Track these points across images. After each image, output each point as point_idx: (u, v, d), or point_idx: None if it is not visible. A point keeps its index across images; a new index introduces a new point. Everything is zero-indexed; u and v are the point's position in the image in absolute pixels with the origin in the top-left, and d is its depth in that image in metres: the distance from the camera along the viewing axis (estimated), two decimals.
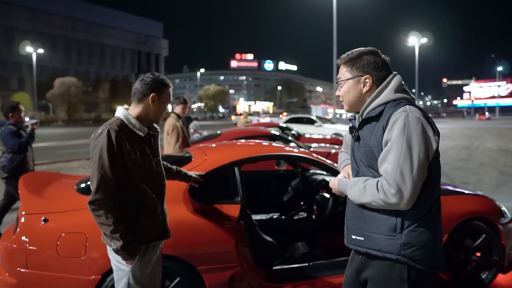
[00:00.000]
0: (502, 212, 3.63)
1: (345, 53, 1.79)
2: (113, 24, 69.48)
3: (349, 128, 1.85)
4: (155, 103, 2.00)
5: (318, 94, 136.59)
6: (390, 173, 1.54)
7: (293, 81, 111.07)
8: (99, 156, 1.85)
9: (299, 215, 3.97)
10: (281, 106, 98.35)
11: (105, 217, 1.84)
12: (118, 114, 2.02)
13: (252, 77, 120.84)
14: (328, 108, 63.30)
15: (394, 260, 1.63)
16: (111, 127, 1.89)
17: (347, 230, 1.83)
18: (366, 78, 1.72)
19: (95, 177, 1.85)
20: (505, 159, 12.26)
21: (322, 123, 19.86)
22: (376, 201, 1.58)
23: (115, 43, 70.46)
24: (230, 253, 2.66)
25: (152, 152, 2.05)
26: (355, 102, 1.76)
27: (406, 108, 1.59)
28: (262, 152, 3.24)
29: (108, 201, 1.85)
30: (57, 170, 10.18)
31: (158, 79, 2.02)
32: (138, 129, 1.97)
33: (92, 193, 1.86)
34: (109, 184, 1.85)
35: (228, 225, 2.68)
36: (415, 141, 1.54)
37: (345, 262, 3.03)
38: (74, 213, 2.53)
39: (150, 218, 1.99)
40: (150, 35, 75.83)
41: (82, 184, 3.03)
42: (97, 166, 1.85)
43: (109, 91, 57.87)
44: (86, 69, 65.75)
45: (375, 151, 1.65)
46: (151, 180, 2.01)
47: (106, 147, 1.85)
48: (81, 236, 2.42)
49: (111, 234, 1.84)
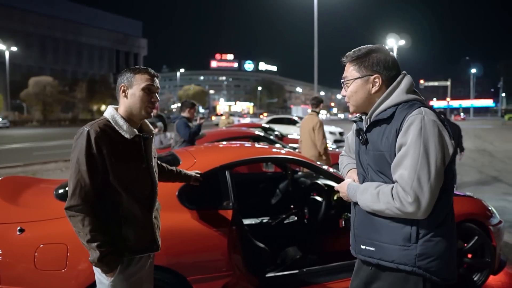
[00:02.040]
0: (491, 212, 3.62)
1: (351, 51, 1.67)
2: (91, 23, 67.97)
3: (356, 131, 1.73)
4: (128, 94, 1.83)
5: (298, 95, 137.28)
6: (407, 180, 1.43)
7: (273, 81, 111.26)
8: (77, 159, 1.71)
9: (290, 219, 3.86)
10: (261, 107, 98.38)
11: (82, 225, 1.69)
12: (106, 113, 1.85)
13: (232, 77, 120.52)
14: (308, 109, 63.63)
15: (408, 272, 1.52)
16: (92, 127, 1.73)
17: (354, 240, 1.71)
18: (375, 78, 1.60)
19: (72, 181, 1.71)
20: (483, 159, 12.52)
21: None
22: (390, 209, 1.47)
23: (93, 42, 68.96)
24: (222, 262, 2.53)
25: (141, 157, 1.86)
26: (363, 103, 1.65)
27: (421, 110, 1.49)
28: (254, 154, 3.11)
29: (85, 207, 1.69)
30: (33, 172, 9.80)
31: (130, 70, 1.85)
32: (125, 130, 1.80)
33: (68, 198, 1.71)
34: (86, 189, 1.70)
35: (219, 232, 2.53)
36: (432, 146, 1.44)
37: (339, 268, 2.98)
38: (53, 222, 2.33)
39: (134, 228, 1.82)
40: (129, 34, 74.61)
41: (61, 190, 2.83)
42: (74, 169, 1.71)
43: (87, 91, 56.59)
44: (62, 68, 64.07)
45: (387, 155, 1.54)
46: (137, 187, 1.84)
47: (84, 150, 1.70)
48: (62, 247, 2.22)
49: (88, 244, 1.69)
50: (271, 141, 7.22)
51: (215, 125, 37.35)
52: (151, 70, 1.88)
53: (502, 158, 12.67)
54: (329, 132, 18.93)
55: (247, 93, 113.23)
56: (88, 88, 56.82)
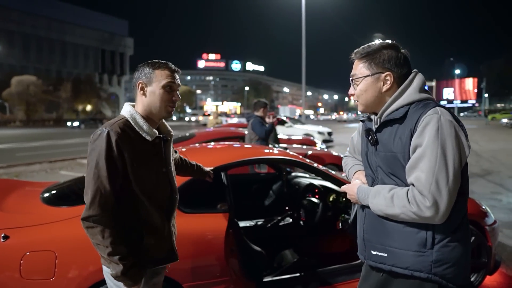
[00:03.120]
0: (486, 213, 3.61)
1: (360, 47, 1.58)
2: (76, 21, 66.78)
3: (365, 131, 1.65)
4: (147, 92, 1.68)
5: (285, 95, 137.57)
6: (425, 183, 1.36)
7: (261, 81, 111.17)
8: (96, 164, 1.55)
9: (285, 221, 3.78)
10: (248, 107, 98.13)
11: (101, 237, 1.53)
12: (124, 112, 1.69)
13: (219, 77, 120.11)
14: (296, 108, 63.85)
15: (423, 279, 1.45)
16: (112, 128, 1.58)
17: (364, 245, 1.63)
18: (386, 76, 1.52)
19: (90, 188, 1.55)
20: (470, 159, 12.61)
21: (292, 123, 19.90)
22: (406, 214, 1.40)
23: (77, 41, 67.75)
24: (219, 267, 2.43)
25: (161, 160, 1.73)
26: (373, 102, 1.56)
27: (437, 110, 1.42)
28: (251, 155, 3.01)
29: (104, 217, 1.54)
30: (16, 174, 9.52)
31: (148, 64, 1.69)
32: (146, 131, 1.65)
33: (86, 207, 1.55)
34: (107, 197, 1.55)
35: (216, 236, 2.44)
36: (450, 147, 1.37)
37: (337, 271, 2.91)
38: (40, 227, 2.20)
39: (154, 237, 1.69)
40: (114, 33, 73.55)
41: (48, 193, 2.70)
42: (92, 175, 1.55)
43: (71, 90, 55.58)
44: (46, 68, 62.75)
45: (400, 156, 1.46)
46: (157, 193, 1.71)
47: (104, 153, 1.54)
48: (50, 255, 2.09)
49: (109, 257, 1.54)
50: None
51: (203, 125, 37.16)
52: (172, 65, 1.73)
53: (488, 158, 12.83)
54: (317, 132, 18.98)
55: (234, 93, 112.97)
56: (73, 87, 55.85)
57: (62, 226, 2.21)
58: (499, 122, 41.74)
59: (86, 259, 2.11)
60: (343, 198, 3.31)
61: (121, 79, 75.20)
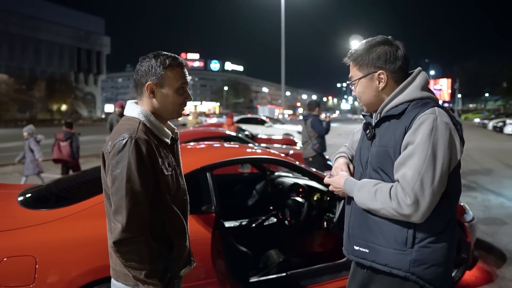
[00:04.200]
0: (465, 209, 3.70)
1: (352, 49, 1.58)
2: (50, 18, 64.82)
3: (364, 124, 1.65)
4: (157, 94, 1.50)
5: (264, 95, 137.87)
6: (409, 180, 1.36)
7: (240, 81, 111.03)
8: (127, 178, 1.36)
9: (270, 221, 3.77)
10: (227, 107, 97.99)
11: (139, 258, 1.38)
12: (135, 113, 1.49)
13: (198, 77, 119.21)
14: (275, 108, 64.09)
15: (402, 277, 1.46)
16: (139, 136, 1.40)
17: (348, 240, 1.63)
18: (380, 74, 1.52)
19: (124, 207, 1.36)
20: None
21: (272, 123, 19.96)
22: (387, 209, 1.41)
23: (52, 39, 65.80)
24: (207, 269, 2.40)
25: (176, 161, 1.61)
26: (373, 101, 1.57)
27: (435, 110, 1.41)
28: (236, 155, 2.98)
29: (143, 236, 1.39)
30: None
31: (156, 60, 1.49)
32: (163, 133, 1.52)
33: (121, 229, 1.35)
34: (143, 214, 1.40)
35: (203, 237, 2.40)
36: (441, 149, 1.37)
37: (323, 269, 2.92)
38: (19, 232, 2.10)
39: (182, 245, 1.59)
40: (90, 31, 71.88)
41: (26, 195, 2.60)
42: (125, 192, 1.36)
43: (46, 89, 54.05)
44: (19, 66, 60.70)
45: (391, 152, 1.46)
46: (178, 195, 1.59)
47: (136, 166, 1.37)
48: (29, 260, 2.00)
49: (147, 279, 1.40)
50: (243, 141, 7.12)
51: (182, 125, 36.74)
52: (182, 60, 1.55)
53: (463, 157, 13.15)
54: (297, 132, 19.09)
55: (213, 93, 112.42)
56: (47, 87, 54.29)
57: (42, 230, 2.13)
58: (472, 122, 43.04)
59: (69, 263, 2.04)
60: (327, 197, 3.33)
61: (98, 78, 73.63)
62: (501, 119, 27.63)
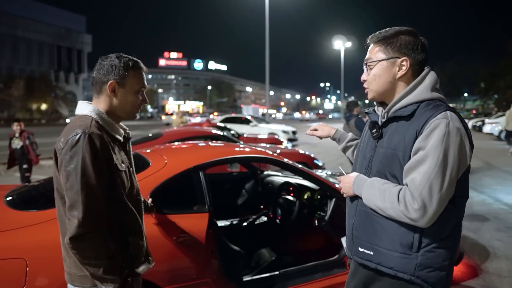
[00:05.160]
0: None
1: (377, 32, 1.55)
2: (29, 15, 63.13)
3: (370, 123, 1.61)
4: (118, 93, 1.54)
5: (248, 94, 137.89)
6: (418, 186, 1.35)
7: (223, 80, 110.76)
8: (82, 173, 1.37)
9: (260, 220, 3.77)
10: (211, 106, 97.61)
11: (96, 254, 1.37)
12: (87, 111, 1.52)
13: (181, 76, 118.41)
14: (259, 108, 64.13)
15: (406, 281, 1.46)
16: (92, 131, 1.42)
17: (352, 241, 1.63)
18: (403, 61, 1.48)
19: (80, 201, 1.36)
20: None
21: (257, 122, 19.98)
22: (394, 210, 1.40)
23: (31, 36, 64.09)
24: (200, 268, 2.38)
25: (129, 159, 1.64)
26: (386, 88, 1.53)
27: (447, 114, 1.38)
28: (228, 154, 2.96)
29: (100, 232, 1.39)
30: None
31: (120, 60, 1.53)
32: (115, 131, 1.55)
33: (77, 224, 1.34)
34: (100, 209, 1.41)
35: (196, 236, 2.38)
36: (452, 155, 1.35)
37: (315, 267, 2.93)
38: (7, 234, 2.03)
39: (138, 242, 1.60)
40: (71, 29, 70.39)
41: (14, 196, 2.53)
42: (80, 186, 1.36)
43: (24, 88, 52.73)
44: None
45: (400, 155, 1.44)
46: (132, 194, 1.62)
47: (90, 160, 1.38)
48: (19, 263, 1.93)
49: (105, 275, 1.39)
50: (230, 140, 7.10)
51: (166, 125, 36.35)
52: (143, 66, 1.61)
53: None
54: (282, 131, 19.17)
55: (196, 92, 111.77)
56: (26, 85, 53.00)
57: (33, 231, 2.07)
58: None
59: (60, 266, 1.99)
60: (318, 196, 3.34)
61: (79, 77, 72.21)
62: (480, 119, 28.27)
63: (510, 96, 35.34)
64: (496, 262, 4.13)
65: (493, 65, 40.75)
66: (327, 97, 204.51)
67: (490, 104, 45.87)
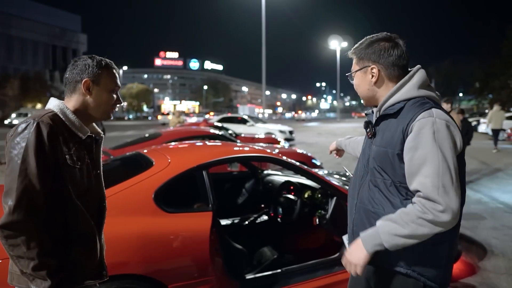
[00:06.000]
0: None
1: (356, 43, 1.63)
2: (23, 14, 62.77)
3: (365, 123, 1.67)
4: (93, 91, 1.52)
5: (244, 94, 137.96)
6: (432, 188, 1.35)
7: (219, 80, 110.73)
8: (23, 160, 1.32)
9: (261, 219, 3.80)
10: (207, 106, 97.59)
11: (26, 247, 1.29)
12: (51, 106, 1.51)
13: (177, 76, 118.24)
14: (256, 108, 64.18)
15: (404, 274, 1.49)
16: (42, 119, 1.38)
17: (352, 236, 1.66)
18: (372, 68, 1.55)
19: (15, 188, 1.30)
20: None
21: (254, 122, 20.02)
22: (423, 225, 1.36)
23: (25, 35, 63.72)
24: (204, 266, 2.41)
25: (91, 161, 1.56)
26: (368, 95, 1.61)
27: (431, 112, 1.41)
28: (231, 153, 2.99)
29: (32, 223, 1.30)
30: None
31: (93, 60, 1.53)
32: (77, 128, 1.49)
33: (8, 211, 1.28)
34: (36, 199, 1.32)
35: (200, 235, 2.41)
36: (447, 149, 1.38)
37: (316, 265, 2.96)
38: None
39: (86, 249, 1.50)
40: (66, 28, 70.09)
41: None
42: (18, 172, 1.31)
43: (19, 88, 52.47)
44: None
45: (389, 153, 1.48)
46: (89, 198, 1.53)
47: (34, 147, 1.32)
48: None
49: (34, 272, 1.30)
50: (228, 139, 7.13)
51: (162, 125, 36.32)
52: (116, 67, 1.63)
53: None
54: (279, 131, 19.21)
55: (192, 92, 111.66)
56: (21, 85, 52.74)
57: None
58: None
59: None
60: (318, 194, 3.38)
61: None
62: (475, 118, 28.44)
63: (504, 96, 35.63)
64: (494, 259, 4.18)
65: (488, 65, 41.04)
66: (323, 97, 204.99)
67: (485, 104, 46.25)
